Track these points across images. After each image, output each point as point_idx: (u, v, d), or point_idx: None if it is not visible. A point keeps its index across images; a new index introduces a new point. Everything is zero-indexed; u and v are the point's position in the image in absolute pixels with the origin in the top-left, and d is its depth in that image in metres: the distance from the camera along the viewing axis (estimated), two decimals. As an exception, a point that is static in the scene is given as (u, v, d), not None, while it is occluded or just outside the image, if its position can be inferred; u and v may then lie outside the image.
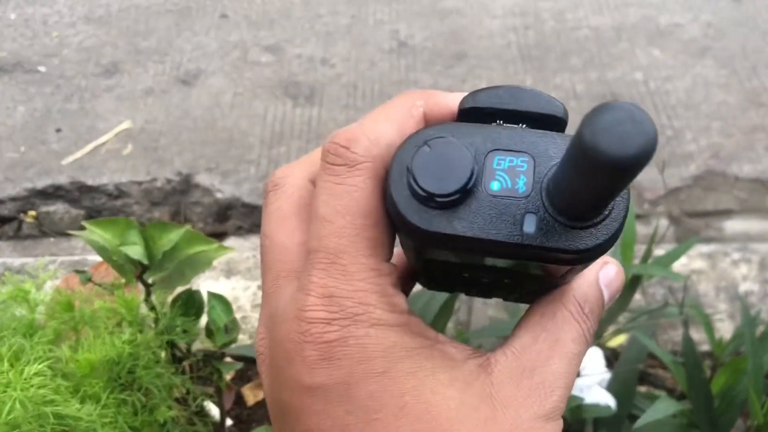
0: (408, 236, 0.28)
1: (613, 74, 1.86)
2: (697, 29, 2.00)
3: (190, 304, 0.85)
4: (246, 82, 1.86)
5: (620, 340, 1.10)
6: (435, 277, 0.36)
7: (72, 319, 0.80)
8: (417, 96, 0.31)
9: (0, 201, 1.59)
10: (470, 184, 0.26)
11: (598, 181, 0.22)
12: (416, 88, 0.32)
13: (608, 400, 0.84)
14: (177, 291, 0.86)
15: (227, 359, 1.02)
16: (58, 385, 0.68)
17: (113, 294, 0.82)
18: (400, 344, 0.27)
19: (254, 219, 1.56)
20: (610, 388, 0.87)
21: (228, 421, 1.04)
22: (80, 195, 1.60)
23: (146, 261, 0.79)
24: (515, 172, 0.27)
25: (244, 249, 1.45)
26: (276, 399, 0.29)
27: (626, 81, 1.84)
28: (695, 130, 1.71)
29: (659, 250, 1.26)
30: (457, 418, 0.27)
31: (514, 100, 0.29)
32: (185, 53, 1.94)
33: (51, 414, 0.64)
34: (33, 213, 1.58)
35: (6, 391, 0.62)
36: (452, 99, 0.31)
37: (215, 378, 0.90)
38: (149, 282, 0.82)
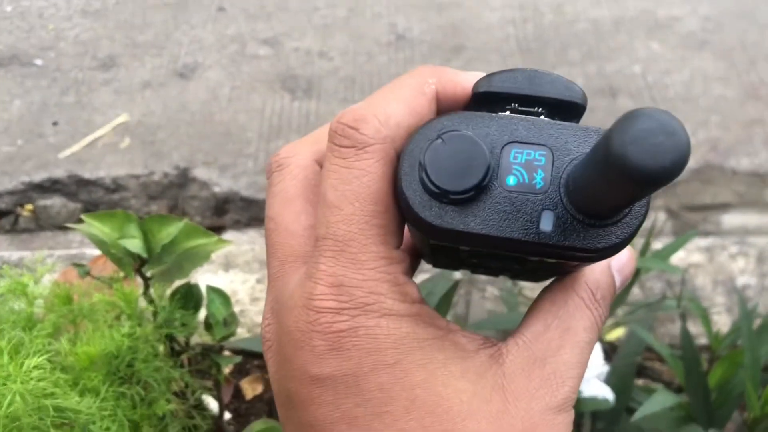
0: (419, 231, 0.28)
1: (612, 67, 1.86)
2: (696, 22, 2.00)
3: (189, 298, 0.85)
4: (243, 76, 1.85)
5: (618, 334, 1.10)
6: (441, 259, 0.35)
7: (71, 313, 0.80)
8: (429, 73, 0.29)
9: (-3, 195, 1.59)
10: (485, 181, 0.25)
11: (625, 190, 0.21)
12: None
13: (606, 394, 0.84)
14: (176, 284, 0.86)
15: (226, 353, 1.02)
16: (58, 378, 0.68)
17: (112, 287, 0.82)
18: (412, 335, 0.27)
19: (252, 213, 1.56)
20: (608, 381, 0.88)
21: (226, 415, 1.05)
22: (77, 189, 1.59)
23: (145, 254, 0.79)
24: (532, 167, 0.26)
25: (243, 242, 1.45)
26: (282, 388, 0.28)
27: (625, 74, 1.84)
28: (693, 124, 1.71)
29: (657, 244, 1.26)
30: (469, 411, 0.26)
31: (532, 85, 0.28)
32: (182, 46, 1.94)
33: (51, 407, 0.64)
34: (30, 206, 1.57)
35: (6, 384, 0.62)
36: (466, 78, 0.29)
37: (214, 371, 0.91)
38: (148, 275, 0.82)
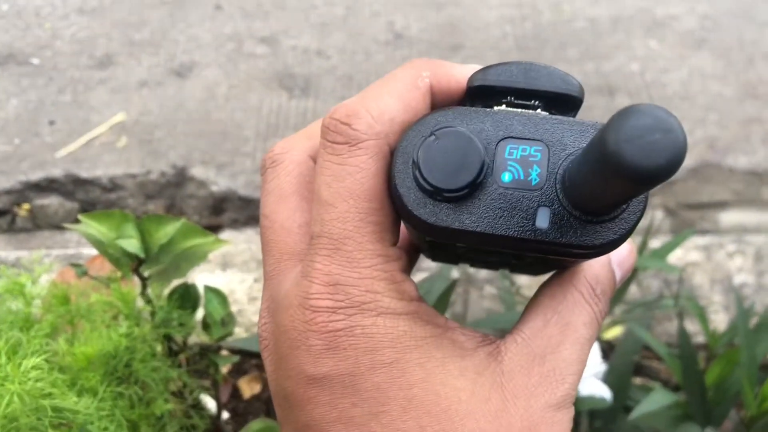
0: (413, 228, 0.27)
1: (610, 65, 1.86)
2: (694, 21, 2.00)
3: (187, 298, 0.85)
4: (241, 74, 1.85)
5: (616, 332, 1.10)
6: (439, 254, 0.35)
7: (68, 313, 0.80)
8: (423, 66, 0.29)
9: (-6, 194, 1.58)
10: (480, 179, 0.25)
11: (621, 188, 0.21)
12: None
13: (603, 392, 0.85)
14: (173, 284, 0.86)
15: (223, 352, 1.02)
16: (56, 379, 0.68)
17: (109, 287, 0.82)
18: (409, 333, 0.26)
19: (250, 212, 1.56)
20: (606, 380, 0.88)
21: (224, 414, 1.05)
22: (74, 188, 1.59)
23: (142, 254, 0.78)
24: (528, 162, 0.25)
25: (240, 242, 1.45)
26: (279, 387, 0.28)
27: (623, 72, 1.84)
28: (691, 122, 1.71)
29: (655, 242, 1.26)
30: (468, 410, 0.26)
31: (528, 79, 0.27)
32: (179, 45, 1.93)
33: (49, 407, 0.64)
34: (27, 206, 1.57)
35: (4, 385, 0.62)
36: (460, 71, 0.29)
37: (211, 371, 0.91)
38: (145, 275, 0.82)
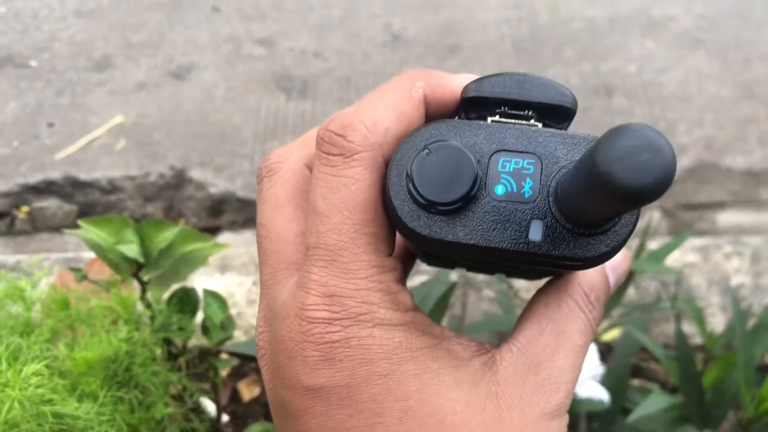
0: (408, 240, 0.28)
1: (607, 66, 1.87)
2: (691, 21, 2.01)
3: (186, 302, 0.85)
4: (239, 76, 1.85)
5: (614, 334, 1.11)
6: (435, 261, 0.35)
7: (68, 317, 0.80)
8: (417, 76, 0.29)
9: (-8, 197, 1.58)
10: (473, 192, 0.25)
11: (610, 206, 0.21)
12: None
13: (601, 395, 0.85)
14: (172, 288, 0.86)
15: (223, 355, 1.02)
16: (56, 384, 0.68)
17: (109, 291, 0.82)
18: (405, 344, 0.26)
19: (248, 213, 1.56)
20: (604, 382, 0.88)
21: (224, 417, 1.05)
22: (73, 190, 1.59)
23: (142, 259, 0.79)
24: (521, 176, 0.26)
25: (239, 244, 1.45)
26: (277, 397, 0.28)
27: (620, 73, 1.84)
28: (688, 122, 1.72)
29: (652, 243, 1.27)
30: (463, 421, 0.26)
31: (521, 90, 0.27)
32: (177, 47, 1.93)
33: (49, 413, 0.64)
34: (26, 209, 1.57)
35: (4, 391, 0.62)
36: (454, 80, 0.29)
37: (211, 374, 0.91)
38: (145, 280, 0.82)
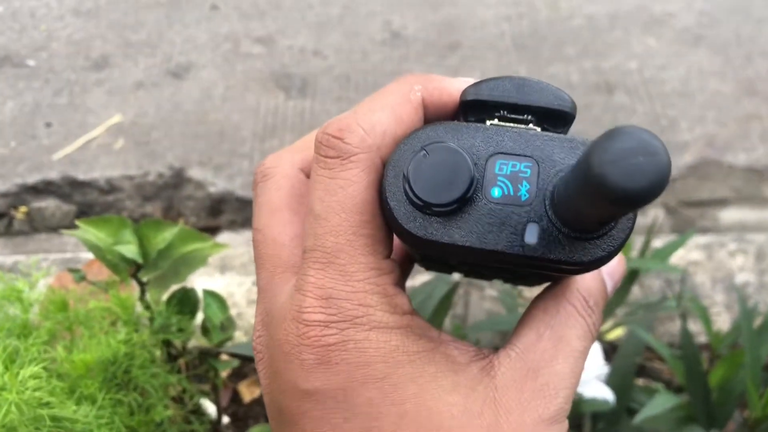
0: (404, 241, 0.28)
1: (608, 63, 1.86)
2: (691, 17, 2.00)
3: (185, 302, 0.85)
4: (237, 75, 1.84)
5: (618, 333, 1.10)
6: (433, 265, 0.35)
7: (66, 319, 0.79)
8: (415, 80, 0.29)
9: (-10, 197, 1.57)
10: (469, 194, 0.25)
11: (605, 209, 0.21)
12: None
13: (606, 395, 0.84)
14: (172, 289, 0.85)
15: (223, 357, 1.01)
16: (54, 387, 0.68)
17: (107, 292, 0.81)
18: (402, 348, 0.26)
19: (247, 213, 1.55)
20: (608, 382, 0.87)
21: (225, 419, 1.04)
22: (71, 190, 1.58)
23: (140, 260, 0.78)
24: (518, 178, 0.26)
25: (238, 244, 1.44)
26: (274, 400, 0.28)
27: (621, 70, 1.83)
28: (690, 119, 1.71)
29: (656, 241, 1.26)
30: (460, 426, 0.26)
31: (520, 94, 0.27)
32: (175, 46, 1.92)
33: (47, 416, 0.63)
34: (24, 209, 1.56)
35: (1, 394, 0.61)
36: (453, 84, 0.29)
37: (211, 376, 0.90)
38: (144, 280, 0.81)
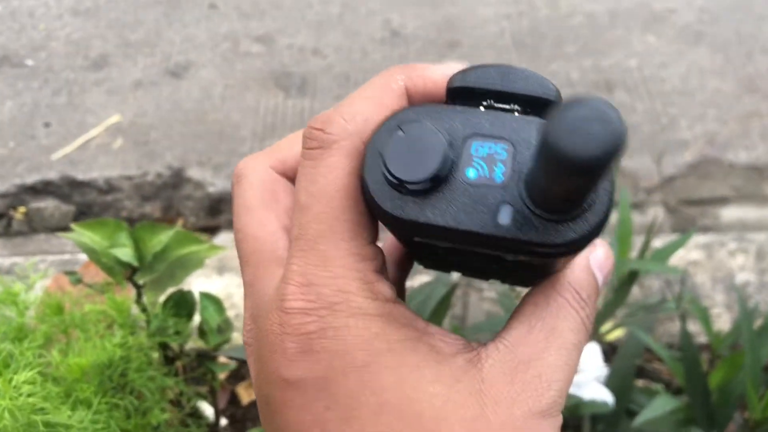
0: (382, 221, 0.28)
1: (608, 61, 1.85)
2: (692, 15, 1.99)
3: (182, 305, 0.84)
4: (237, 74, 1.83)
5: (618, 334, 1.09)
6: (425, 259, 0.35)
7: (62, 323, 0.79)
8: (398, 71, 0.30)
9: (-11, 198, 1.57)
10: (442, 172, 0.25)
11: (565, 181, 0.21)
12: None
13: (605, 396, 0.84)
14: (168, 291, 0.84)
15: (220, 359, 1.01)
16: (49, 391, 0.67)
17: (104, 295, 0.81)
18: (382, 336, 0.26)
19: (247, 213, 1.55)
20: (608, 383, 0.87)
21: (222, 421, 1.04)
22: (70, 190, 1.58)
23: (136, 263, 0.77)
24: (493, 160, 0.26)
25: (238, 244, 1.44)
26: (261, 391, 0.28)
27: (621, 68, 1.83)
28: (690, 117, 1.70)
29: (656, 240, 1.25)
30: (442, 416, 0.25)
31: (505, 81, 0.28)
32: (175, 45, 1.92)
33: (41, 422, 0.63)
34: (23, 209, 1.56)
35: (-6, 400, 0.61)
36: (437, 71, 0.29)
37: (209, 378, 0.89)
38: (140, 283, 0.80)
